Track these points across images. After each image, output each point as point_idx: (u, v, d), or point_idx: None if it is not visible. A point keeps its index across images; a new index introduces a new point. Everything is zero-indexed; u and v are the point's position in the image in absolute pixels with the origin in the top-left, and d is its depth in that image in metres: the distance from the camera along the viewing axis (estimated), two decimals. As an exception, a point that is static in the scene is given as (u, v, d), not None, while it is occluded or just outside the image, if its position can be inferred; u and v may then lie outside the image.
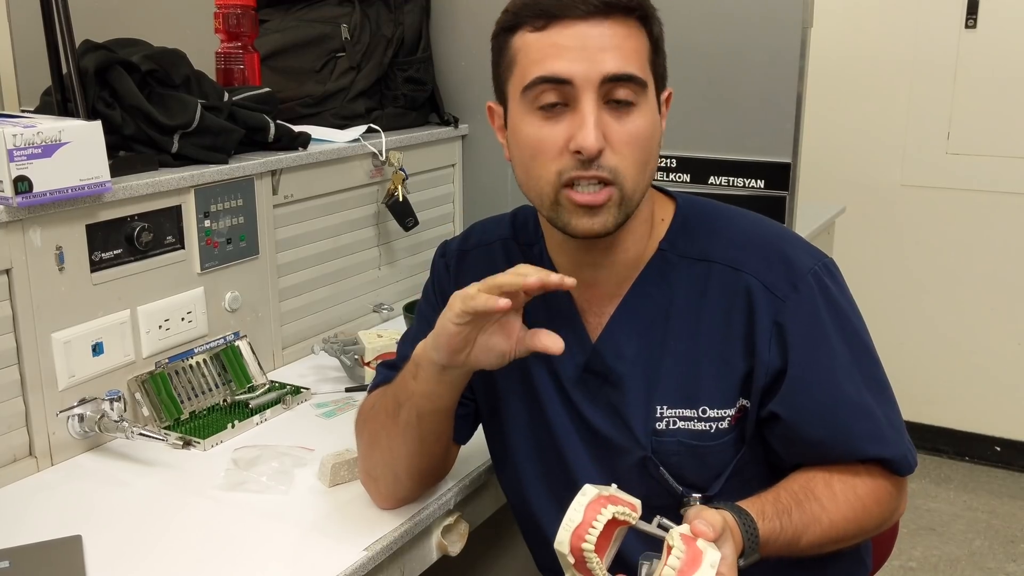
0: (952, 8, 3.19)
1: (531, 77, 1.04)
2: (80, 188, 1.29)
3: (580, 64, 1.01)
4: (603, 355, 1.15)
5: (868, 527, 1.10)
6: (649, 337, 1.13)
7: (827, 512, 1.05)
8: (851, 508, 1.07)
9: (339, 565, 1.10)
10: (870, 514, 1.08)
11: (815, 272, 1.10)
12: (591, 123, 1.01)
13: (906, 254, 3.42)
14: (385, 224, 1.92)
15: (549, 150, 1.04)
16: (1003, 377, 3.35)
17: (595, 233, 1.07)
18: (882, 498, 1.10)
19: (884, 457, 1.09)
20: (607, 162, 1.03)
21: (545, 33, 1.03)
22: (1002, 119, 3.18)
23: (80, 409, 1.34)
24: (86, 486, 1.29)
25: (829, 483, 1.07)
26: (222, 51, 1.80)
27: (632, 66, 1.03)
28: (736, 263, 1.11)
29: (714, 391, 1.10)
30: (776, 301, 1.08)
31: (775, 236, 1.15)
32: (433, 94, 2.08)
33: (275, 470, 1.30)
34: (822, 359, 1.08)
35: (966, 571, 2.80)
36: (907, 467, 1.11)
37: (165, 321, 1.47)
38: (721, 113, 1.82)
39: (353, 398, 1.58)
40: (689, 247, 1.14)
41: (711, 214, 1.18)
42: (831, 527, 1.05)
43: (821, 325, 1.08)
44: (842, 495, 1.07)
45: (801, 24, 1.73)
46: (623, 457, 1.13)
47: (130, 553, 1.13)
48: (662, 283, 1.13)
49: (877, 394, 1.11)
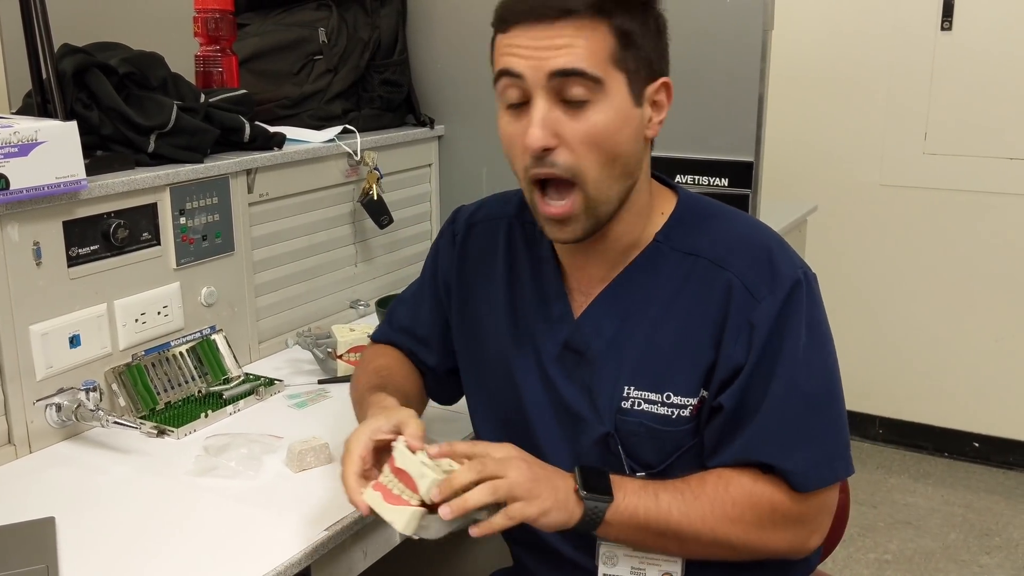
0: (928, 11, 3.24)
1: (496, 71, 1.10)
2: (56, 186, 1.34)
3: (528, 61, 1.06)
4: (583, 332, 1.20)
5: (746, 533, 1.10)
6: (629, 321, 1.17)
7: (701, 500, 1.09)
8: (719, 503, 1.09)
9: (301, 543, 1.15)
10: (743, 516, 1.10)
11: (797, 281, 1.12)
12: (536, 119, 1.06)
13: (885, 252, 3.47)
14: (361, 222, 1.97)
15: (515, 146, 1.11)
16: (981, 374, 3.40)
17: (567, 242, 1.13)
18: (760, 504, 1.10)
19: (773, 465, 1.10)
20: (561, 159, 1.07)
21: (507, 34, 1.09)
22: (978, 119, 3.23)
23: (57, 399, 1.39)
24: (63, 472, 1.34)
25: (703, 477, 1.11)
26: (201, 54, 1.85)
27: (582, 63, 1.04)
28: (721, 261, 1.14)
29: (681, 379, 1.14)
30: (751, 301, 1.11)
31: (765, 241, 1.17)
32: (409, 96, 2.13)
33: (244, 456, 1.34)
34: (775, 363, 1.10)
35: (940, 563, 2.84)
36: (802, 483, 1.10)
37: (141, 315, 1.52)
38: (686, 114, 1.87)
39: (325, 390, 1.63)
40: (682, 241, 1.18)
41: (709, 213, 1.21)
42: (701, 519, 1.09)
43: (787, 330, 1.10)
44: (711, 488, 1.10)
45: (762, 27, 1.78)
46: (587, 433, 1.18)
47: (102, 534, 1.18)
48: (651, 272, 1.18)
49: (817, 409, 1.12)
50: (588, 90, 1.06)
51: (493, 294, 1.28)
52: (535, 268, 1.26)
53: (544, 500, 1.04)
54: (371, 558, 1.30)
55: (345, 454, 1.11)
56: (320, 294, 1.91)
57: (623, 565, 1.17)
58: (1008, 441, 3.40)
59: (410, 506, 1.03)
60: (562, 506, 1.06)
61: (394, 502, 1.04)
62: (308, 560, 1.15)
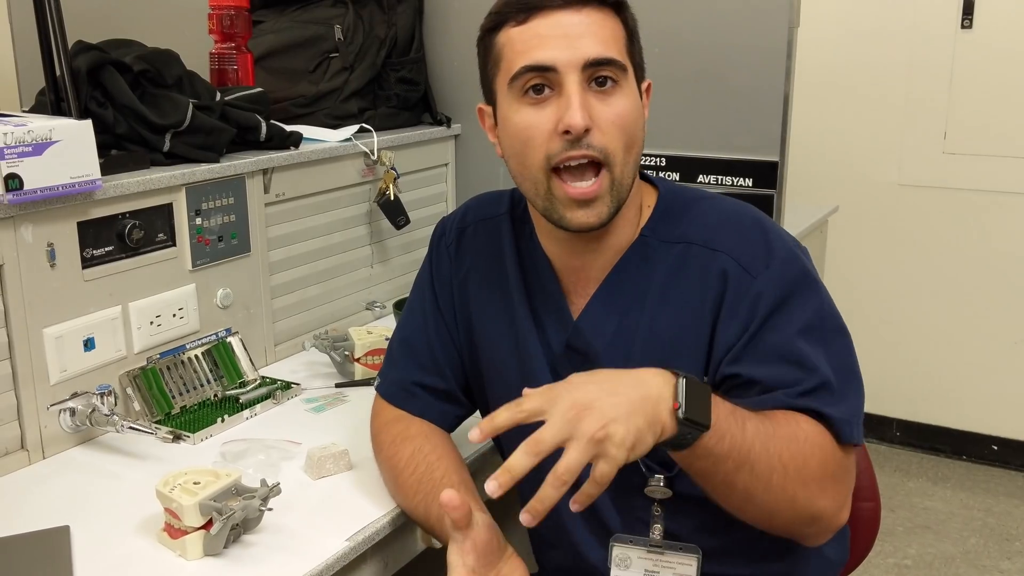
0: (948, 9, 3.21)
1: (517, 67, 1.09)
2: (71, 186, 1.31)
3: (562, 51, 1.07)
4: (583, 333, 1.19)
5: (807, 477, 1.03)
6: (627, 317, 1.16)
7: (777, 438, 1.01)
8: (799, 447, 1.02)
9: (321, 555, 1.12)
10: (807, 462, 1.03)
11: (791, 250, 1.13)
12: (576, 103, 1.06)
13: (904, 253, 3.43)
14: (378, 223, 1.94)
15: (538, 135, 1.09)
16: (1000, 376, 3.36)
17: (591, 226, 1.11)
18: (816, 453, 1.04)
19: (824, 412, 1.05)
20: (595, 141, 1.07)
21: (527, 25, 1.09)
22: (998, 119, 3.19)
23: (71, 403, 1.36)
24: (77, 478, 1.32)
25: (772, 415, 1.04)
26: (216, 52, 1.82)
27: (612, 51, 1.08)
28: (712, 243, 1.14)
29: (685, 365, 1.09)
30: (748, 277, 1.10)
31: (751, 217, 1.18)
32: (426, 94, 2.10)
33: (262, 463, 1.32)
34: (785, 324, 1.08)
35: (960, 568, 2.81)
36: (848, 433, 1.06)
37: (156, 317, 1.50)
38: (710, 113, 1.84)
39: (343, 394, 1.60)
40: (669, 232, 1.17)
41: (691, 200, 1.21)
42: (777, 456, 1.01)
43: (789, 296, 1.09)
44: (784, 430, 1.03)
45: (788, 24, 1.75)
46: None
47: (117, 543, 1.15)
48: (643, 266, 1.17)
49: (838, 371, 1.09)
50: (615, 75, 1.09)
51: (500, 294, 1.26)
52: (532, 267, 1.24)
53: (632, 433, 0.92)
54: (392, 568, 1.27)
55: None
56: (336, 296, 1.88)
57: (636, 568, 1.16)
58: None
59: None
60: (652, 424, 0.94)
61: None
62: (329, 572, 1.12)
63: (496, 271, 1.27)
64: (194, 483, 1.12)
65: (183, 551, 1.11)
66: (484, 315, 1.28)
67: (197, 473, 1.14)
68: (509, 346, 1.25)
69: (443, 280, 1.32)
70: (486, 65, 1.16)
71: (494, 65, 1.13)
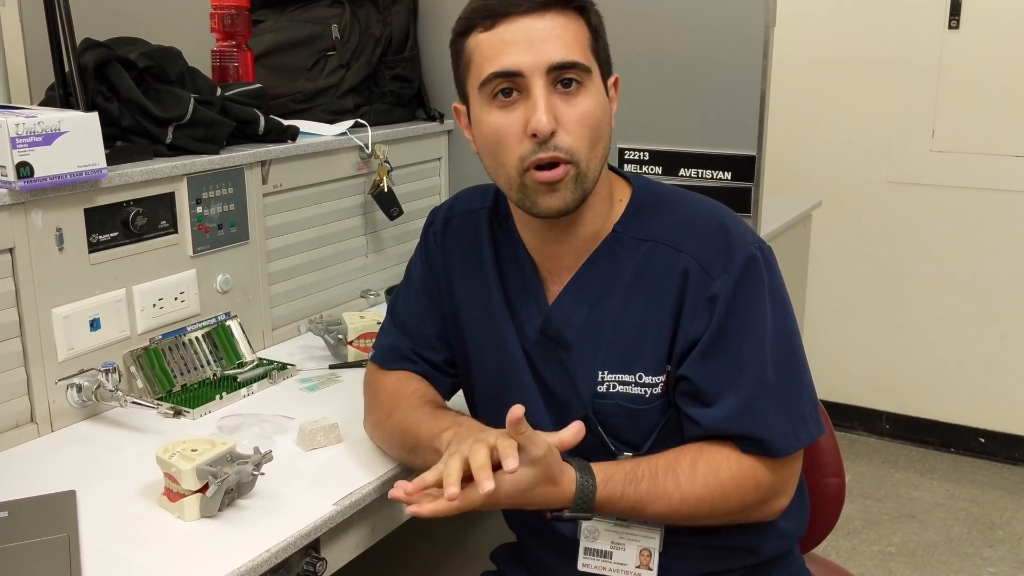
0: (935, 10, 3.27)
1: (486, 73, 1.15)
2: (78, 174, 1.39)
3: (528, 56, 1.13)
4: (555, 321, 1.26)
5: (726, 510, 1.17)
6: (597, 308, 1.24)
7: (681, 490, 1.14)
8: (707, 490, 1.15)
9: (310, 517, 1.20)
10: (727, 498, 1.16)
11: (751, 255, 1.18)
12: (542, 107, 1.12)
13: (892, 249, 3.50)
14: (372, 214, 2.02)
15: (510, 137, 1.15)
16: (987, 370, 3.42)
17: (557, 210, 1.17)
18: (746, 484, 1.16)
19: (748, 435, 1.16)
20: (562, 143, 1.14)
21: (494, 31, 1.14)
22: (985, 117, 3.26)
23: (78, 379, 1.44)
24: (83, 449, 1.40)
25: (695, 462, 1.16)
26: (217, 50, 1.90)
27: (575, 53, 1.14)
28: (677, 243, 1.20)
29: (649, 359, 1.20)
30: (707, 278, 1.17)
31: (718, 218, 1.23)
32: (420, 91, 2.18)
33: (256, 435, 1.40)
34: (742, 336, 1.16)
35: (944, 556, 2.87)
36: (785, 447, 1.16)
37: (159, 300, 1.58)
38: (691, 109, 1.92)
39: (336, 374, 1.68)
40: (639, 229, 1.24)
41: (663, 198, 1.28)
42: (682, 503, 1.15)
43: (744, 300, 1.17)
44: (702, 476, 1.15)
45: (764, 24, 1.82)
46: (571, 414, 1.23)
47: (120, 506, 1.23)
48: (613, 260, 1.24)
49: (784, 375, 1.18)
50: (579, 77, 1.15)
51: (478, 282, 1.33)
52: (512, 258, 1.31)
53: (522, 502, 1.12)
54: (379, 533, 1.34)
55: (474, 443, 1.08)
56: (332, 283, 1.96)
57: (603, 539, 1.23)
58: (1014, 437, 3.42)
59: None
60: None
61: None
62: (317, 533, 1.19)
63: (475, 261, 1.34)
64: (192, 450, 1.20)
65: (181, 513, 1.19)
66: (466, 301, 1.36)
67: (195, 442, 1.22)
68: (486, 332, 1.32)
69: (432, 265, 1.40)
70: (458, 67, 1.22)
71: (465, 68, 1.20)
